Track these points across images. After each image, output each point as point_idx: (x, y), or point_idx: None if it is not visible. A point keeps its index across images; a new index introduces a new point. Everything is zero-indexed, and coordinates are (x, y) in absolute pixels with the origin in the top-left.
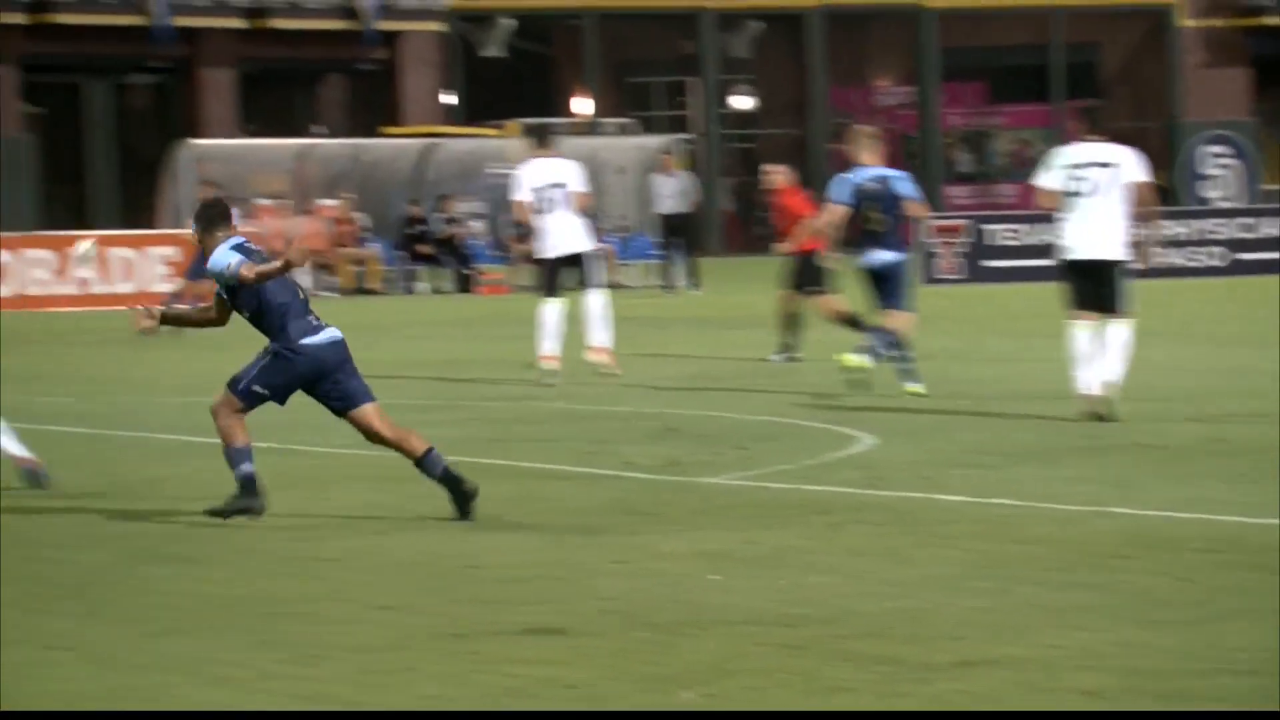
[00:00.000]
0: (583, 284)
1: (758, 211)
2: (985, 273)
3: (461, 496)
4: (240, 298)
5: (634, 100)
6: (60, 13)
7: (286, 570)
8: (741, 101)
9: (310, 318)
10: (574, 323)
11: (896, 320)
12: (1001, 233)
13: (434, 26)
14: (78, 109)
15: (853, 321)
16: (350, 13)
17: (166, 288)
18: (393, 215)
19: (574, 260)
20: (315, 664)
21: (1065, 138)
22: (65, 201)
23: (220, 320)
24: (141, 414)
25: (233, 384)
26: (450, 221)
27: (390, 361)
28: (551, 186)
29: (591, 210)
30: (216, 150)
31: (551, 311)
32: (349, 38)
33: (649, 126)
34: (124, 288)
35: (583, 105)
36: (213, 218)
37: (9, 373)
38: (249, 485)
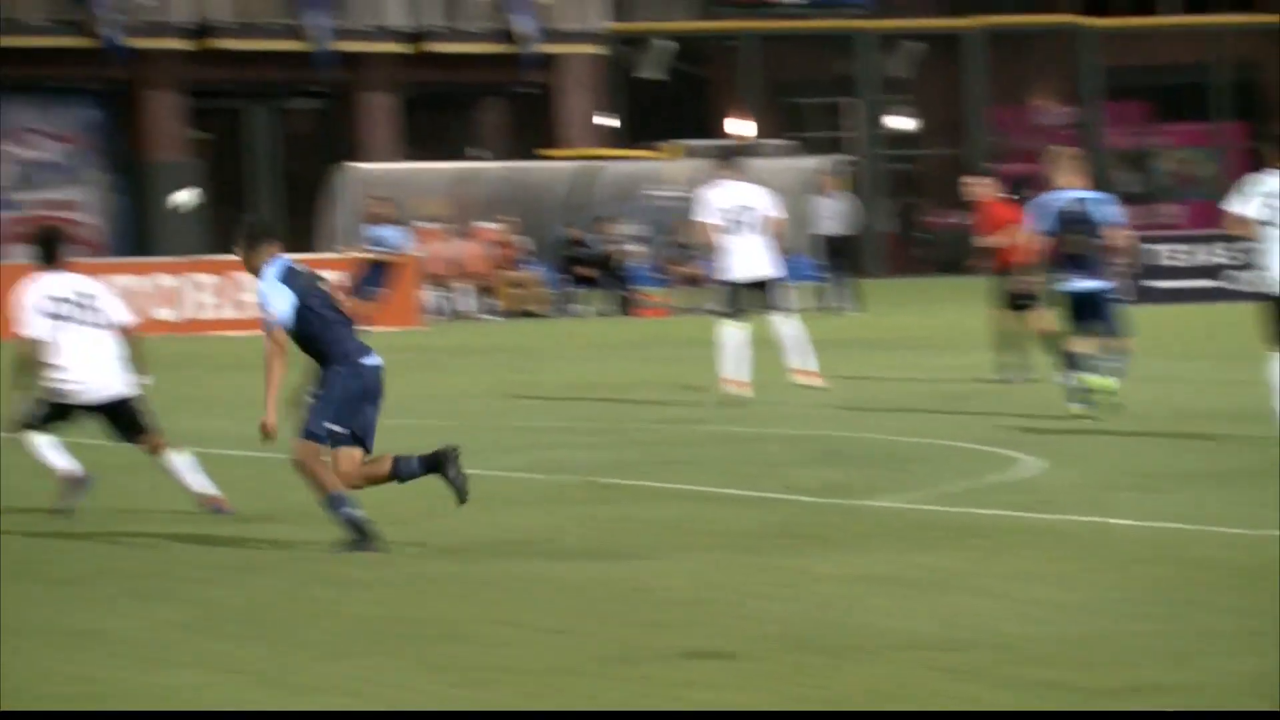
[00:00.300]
0: (769, 308)
1: (918, 232)
2: (1149, 293)
3: (447, 466)
4: (300, 317)
5: (790, 121)
6: (223, 39)
7: (453, 593)
8: (900, 122)
9: (359, 342)
10: (756, 346)
11: (1118, 344)
12: (1165, 253)
13: (592, 49)
14: (240, 134)
15: (1060, 343)
16: (509, 36)
17: None
18: (552, 238)
19: (759, 285)
20: (484, 687)
21: (1229, 158)
22: (228, 226)
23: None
24: None
25: (306, 434)
26: (609, 243)
27: (550, 384)
28: (740, 209)
29: (783, 235)
30: (377, 174)
31: (734, 335)
32: (508, 61)
33: (805, 148)
34: None
35: (739, 126)
36: (256, 236)
37: (176, 396)
38: (359, 528)
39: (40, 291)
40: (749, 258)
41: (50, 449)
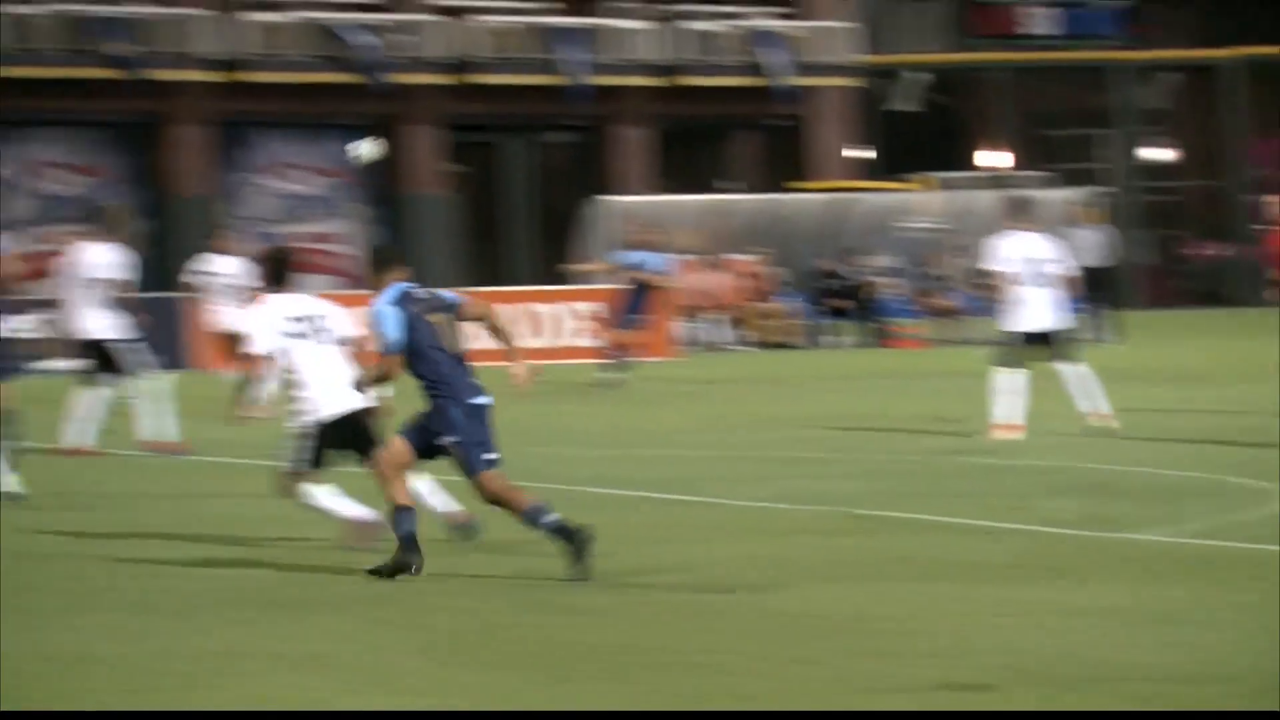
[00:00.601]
0: (1055, 359)
1: (1175, 264)
2: None
3: (580, 551)
4: (413, 345)
5: (1043, 153)
6: (481, 73)
7: (680, 621)
8: (1156, 153)
9: (468, 377)
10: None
11: None
12: None
13: (844, 82)
14: (496, 167)
15: None
16: (761, 70)
17: (583, 342)
18: (804, 270)
19: (1044, 335)
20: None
21: None
22: (484, 259)
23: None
24: (560, 466)
25: (472, 471)
26: (862, 275)
27: (802, 415)
28: (1034, 261)
29: (1076, 288)
30: (630, 206)
31: (1013, 382)
32: (760, 94)
33: (1059, 179)
34: (540, 342)
35: (992, 158)
36: (381, 262)
37: None
38: (564, 532)
39: (275, 313)
40: (1038, 309)
41: (330, 498)
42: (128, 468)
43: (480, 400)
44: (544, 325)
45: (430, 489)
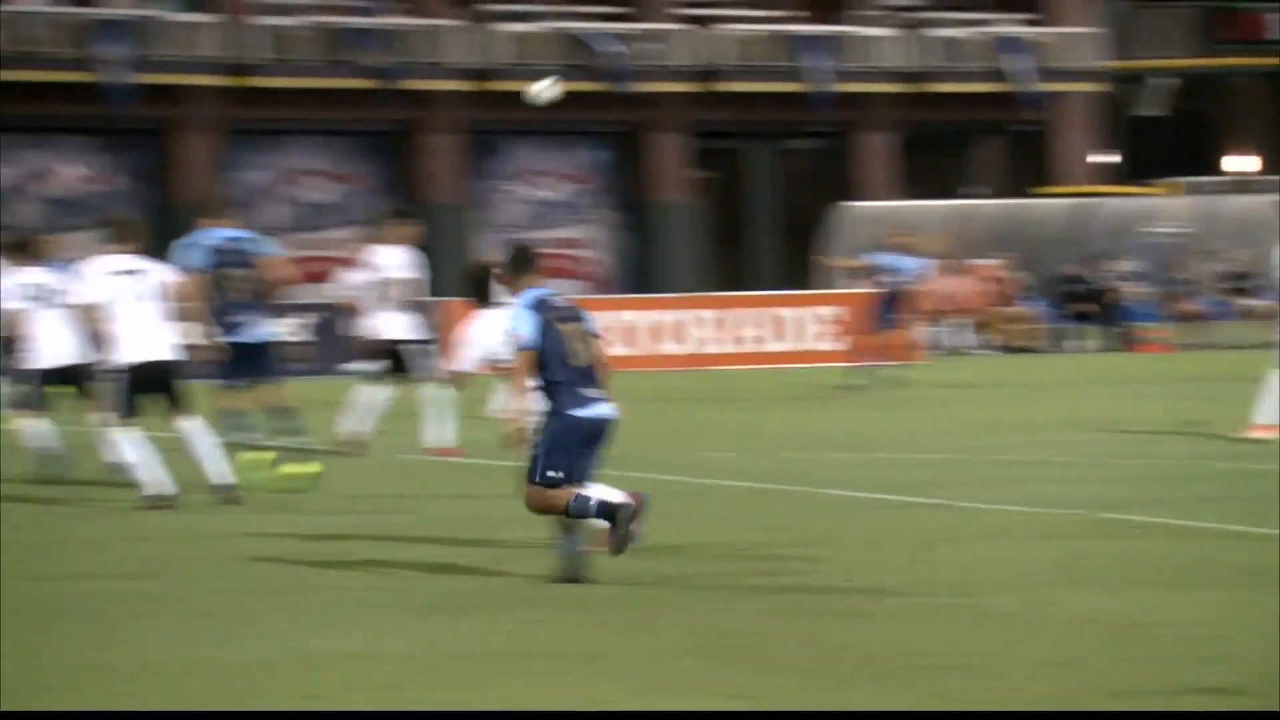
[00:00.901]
0: None
1: None
2: None
3: (617, 520)
4: (541, 350)
5: None
6: (726, 81)
7: (952, 626)
8: None
9: (585, 390)
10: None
11: None
12: None
13: (1089, 87)
14: (740, 174)
15: None
16: (1006, 76)
17: (825, 346)
18: (1048, 274)
19: None
20: None
21: None
22: (727, 263)
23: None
24: (802, 469)
25: (530, 478)
26: (1107, 280)
27: (1048, 419)
28: None
29: None
30: (874, 212)
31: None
32: (1005, 100)
33: None
34: (784, 346)
35: (1239, 163)
36: (519, 264)
37: (676, 429)
38: (610, 512)
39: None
40: None
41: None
42: (403, 468)
43: (585, 414)
44: (787, 329)
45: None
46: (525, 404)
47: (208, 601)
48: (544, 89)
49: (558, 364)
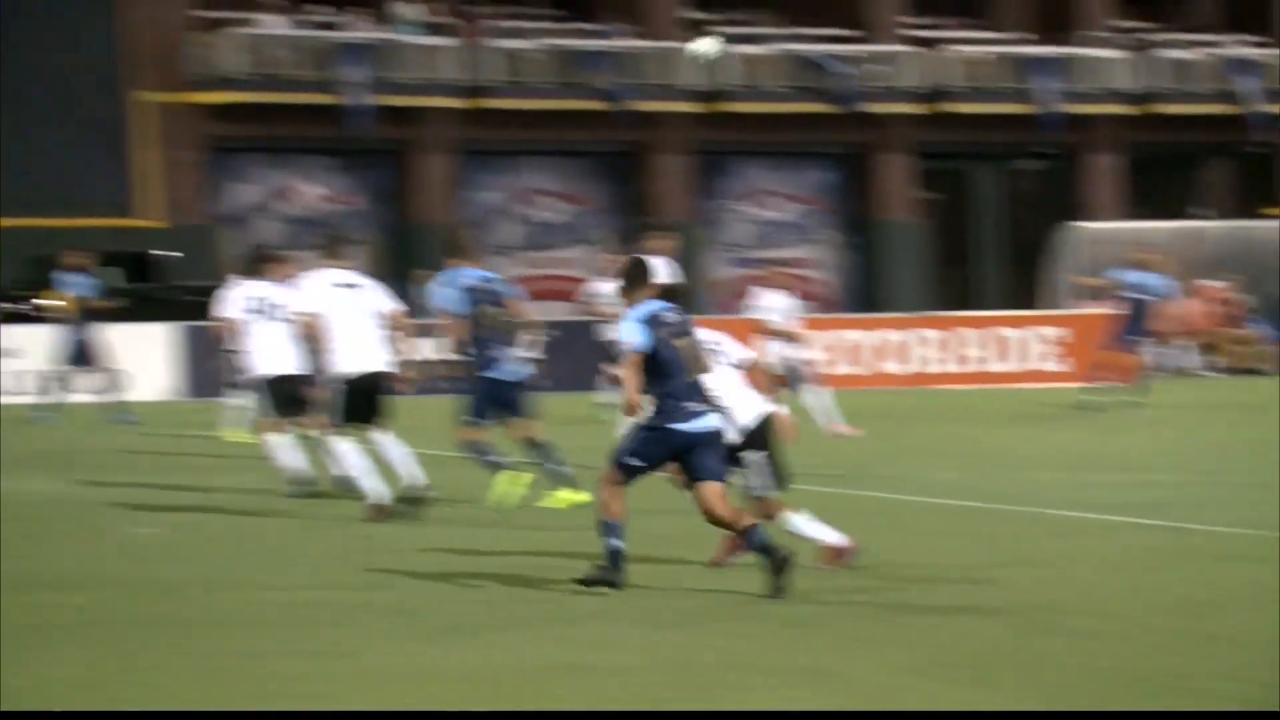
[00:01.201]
0: None
1: None
2: None
3: (776, 565)
4: (651, 363)
5: None
6: (954, 102)
7: (1181, 648)
8: None
9: (690, 404)
10: None
11: None
12: None
13: None
14: (966, 194)
15: None
16: (1237, 97)
17: (1050, 366)
18: (1274, 296)
19: None
20: None
21: None
22: (952, 284)
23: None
24: (1034, 489)
25: (614, 456)
26: None
27: (1273, 440)
28: None
29: None
30: (1100, 233)
31: None
32: (1233, 122)
33: None
34: (1007, 366)
35: None
36: (633, 278)
37: (900, 447)
38: (615, 559)
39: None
40: None
41: (807, 523)
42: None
43: (684, 427)
44: (1011, 350)
45: (806, 520)
46: (634, 410)
47: (434, 612)
48: (705, 46)
49: (666, 375)
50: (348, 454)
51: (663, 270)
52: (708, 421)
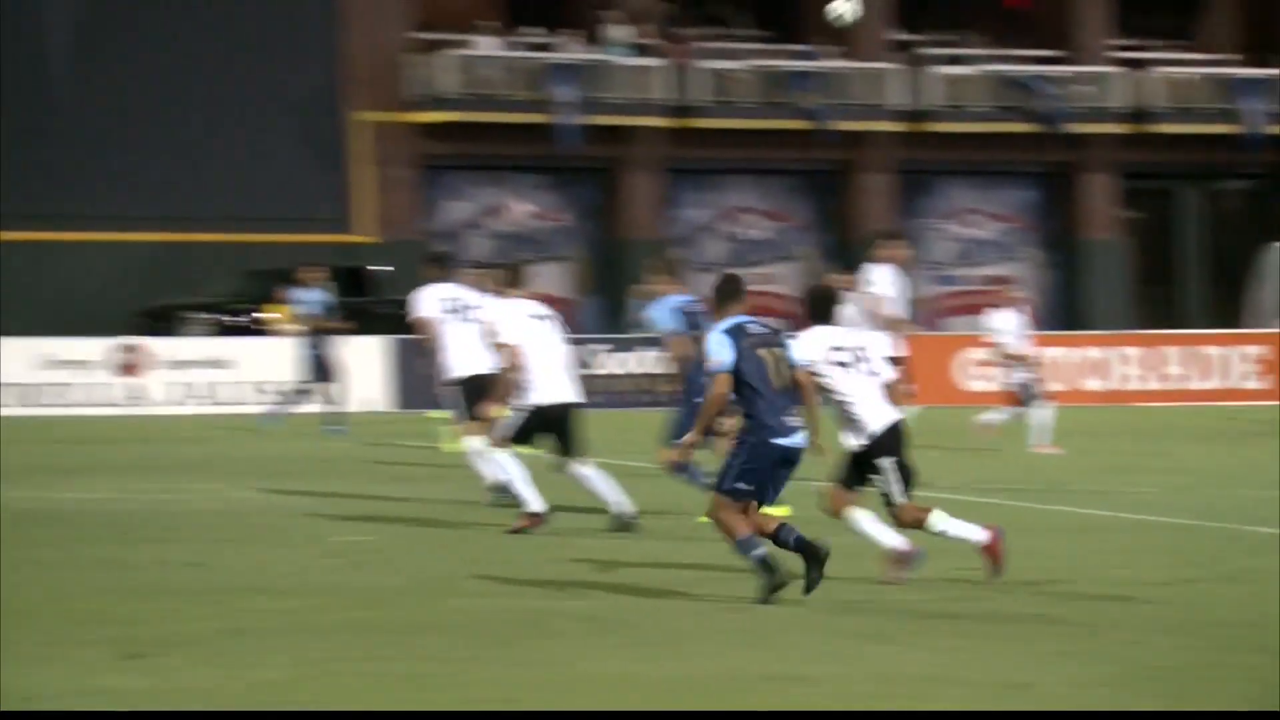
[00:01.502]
0: None
1: None
2: None
3: (814, 560)
4: (738, 375)
5: None
6: (1158, 123)
7: None
8: None
9: (784, 418)
10: None
11: None
12: None
13: None
14: (1170, 214)
15: None
16: None
17: (1251, 384)
18: None
19: None
20: None
21: None
22: (1155, 301)
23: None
24: (1234, 506)
25: (718, 485)
26: None
27: None
28: None
29: None
30: None
31: None
32: None
33: None
34: (1209, 384)
35: None
36: (723, 294)
37: (1104, 464)
38: (764, 565)
39: (823, 343)
40: None
41: (873, 524)
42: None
43: (782, 441)
44: (1213, 368)
45: (870, 520)
46: (705, 431)
47: (637, 621)
48: (843, 7)
49: (756, 388)
50: (508, 462)
51: (891, 278)
52: (798, 438)
